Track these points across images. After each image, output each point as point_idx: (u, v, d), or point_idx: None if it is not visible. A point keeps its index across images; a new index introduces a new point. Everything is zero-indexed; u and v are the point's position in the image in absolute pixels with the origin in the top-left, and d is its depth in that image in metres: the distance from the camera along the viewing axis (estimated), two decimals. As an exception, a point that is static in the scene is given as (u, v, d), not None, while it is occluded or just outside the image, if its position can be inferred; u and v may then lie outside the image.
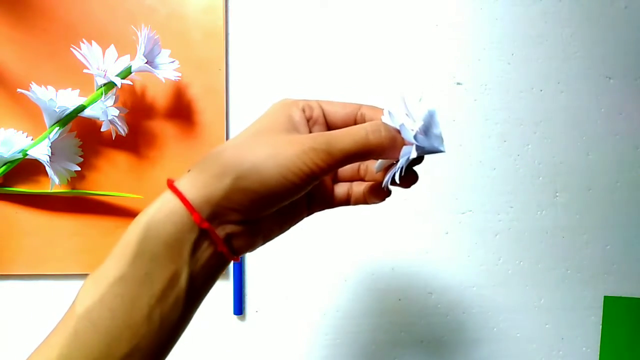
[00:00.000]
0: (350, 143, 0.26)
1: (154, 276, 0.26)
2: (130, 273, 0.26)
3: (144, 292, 0.26)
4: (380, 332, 0.53)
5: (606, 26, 0.54)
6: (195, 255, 0.27)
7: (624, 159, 0.54)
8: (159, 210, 0.26)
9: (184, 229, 0.26)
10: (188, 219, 0.26)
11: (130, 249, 0.26)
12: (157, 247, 0.26)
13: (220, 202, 0.26)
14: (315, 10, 0.52)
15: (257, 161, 0.26)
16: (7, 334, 0.51)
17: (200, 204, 0.26)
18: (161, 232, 0.26)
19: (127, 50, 0.47)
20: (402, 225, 0.53)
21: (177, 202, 0.26)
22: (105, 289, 0.26)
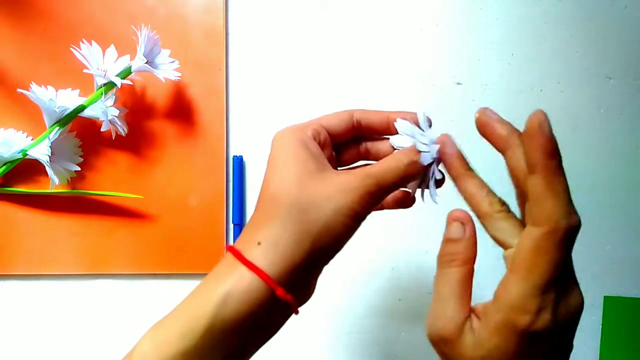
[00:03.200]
0: (394, 178, 0.29)
1: (219, 351, 0.26)
2: (195, 349, 0.25)
3: None
4: (381, 332, 0.53)
5: (606, 26, 0.54)
6: (270, 323, 0.28)
7: (624, 159, 0.54)
8: (234, 286, 0.26)
9: (263, 306, 0.26)
10: (269, 295, 0.26)
11: (201, 324, 0.25)
12: (231, 324, 0.26)
13: (301, 270, 0.27)
14: (315, 10, 0.52)
15: (327, 220, 0.27)
16: (7, 334, 0.51)
17: (280, 277, 0.26)
18: (238, 310, 0.25)
19: (127, 50, 0.47)
20: (402, 225, 0.53)
21: (254, 278, 0.26)
22: (166, 357, 0.25)
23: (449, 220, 0.30)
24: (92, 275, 0.50)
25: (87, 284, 0.51)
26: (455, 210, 0.29)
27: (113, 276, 0.51)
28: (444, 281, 0.28)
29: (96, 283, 0.51)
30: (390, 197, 0.33)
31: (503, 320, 0.24)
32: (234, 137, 0.52)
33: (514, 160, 0.27)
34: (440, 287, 0.28)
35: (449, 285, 0.27)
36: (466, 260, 0.28)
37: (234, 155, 0.51)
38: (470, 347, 0.25)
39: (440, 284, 0.28)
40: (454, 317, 0.26)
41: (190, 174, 0.50)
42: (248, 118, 0.52)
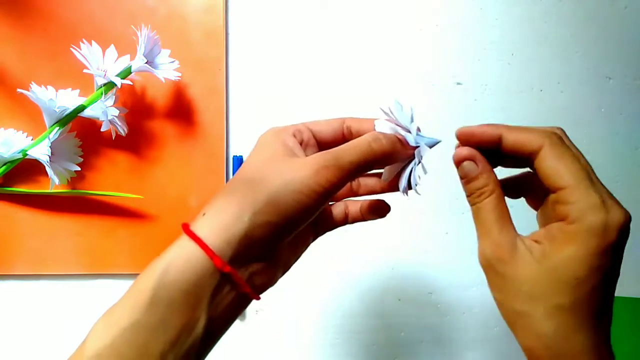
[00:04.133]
0: (357, 155, 0.28)
1: (169, 323, 0.25)
2: (144, 320, 0.25)
3: (157, 339, 0.25)
4: (380, 332, 0.53)
5: (606, 26, 0.54)
6: (215, 300, 0.26)
7: (624, 159, 0.54)
8: (176, 256, 0.26)
9: (204, 275, 0.25)
10: (208, 264, 0.25)
11: (145, 295, 0.25)
12: (174, 294, 0.25)
13: (242, 241, 0.26)
14: (315, 10, 0.52)
15: (272, 192, 0.26)
16: (7, 334, 0.51)
17: (220, 248, 0.25)
18: (179, 279, 0.25)
19: (127, 50, 0.47)
20: (402, 225, 0.53)
21: (195, 247, 0.25)
22: (116, 333, 0.25)
23: (457, 161, 0.30)
24: (92, 275, 0.50)
25: (87, 284, 0.51)
26: (459, 149, 0.29)
27: (113, 276, 0.51)
28: (483, 214, 0.29)
29: (96, 283, 0.51)
30: (364, 205, 0.34)
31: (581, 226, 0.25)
32: (234, 137, 0.52)
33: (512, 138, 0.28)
34: (482, 219, 0.29)
35: (489, 214, 0.28)
36: (493, 188, 0.28)
37: (234, 155, 0.51)
38: (527, 262, 0.26)
39: (480, 218, 0.29)
40: (505, 238, 0.27)
41: (190, 174, 0.50)
42: (248, 118, 0.52)
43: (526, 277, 0.26)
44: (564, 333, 0.25)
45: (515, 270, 0.26)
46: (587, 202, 0.25)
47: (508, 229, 0.28)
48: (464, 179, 0.30)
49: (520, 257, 0.26)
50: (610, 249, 0.25)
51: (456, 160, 0.29)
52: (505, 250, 0.27)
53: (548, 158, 0.27)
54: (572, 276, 0.25)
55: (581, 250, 0.25)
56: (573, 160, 0.27)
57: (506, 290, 0.27)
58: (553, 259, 0.25)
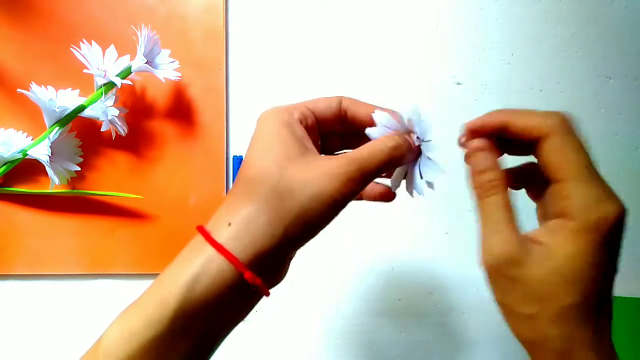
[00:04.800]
0: (379, 162, 0.28)
1: (189, 332, 0.25)
2: (166, 333, 0.25)
3: (176, 349, 0.25)
4: (380, 332, 0.53)
5: (606, 26, 0.54)
6: (238, 305, 0.27)
7: (624, 159, 0.54)
8: (204, 270, 0.25)
9: (230, 290, 0.25)
10: (238, 278, 0.25)
11: (168, 309, 0.25)
12: (201, 309, 0.25)
13: (271, 254, 0.25)
14: (315, 10, 0.52)
15: (302, 206, 0.26)
16: (7, 334, 0.51)
17: (249, 262, 0.25)
18: (208, 295, 0.25)
19: (127, 50, 0.47)
20: (402, 225, 0.53)
21: (224, 262, 0.25)
22: (135, 347, 0.25)
23: (470, 152, 0.29)
24: (92, 275, 0.50)
25: (87, 284, 0.51)
26: (474, 141, 0.29)
27: (113, 276, 0.51)
28: (491, 209, 0.27)
29: (96, 283, 0.51)
30: (370, 189, 0.33)
31: (578, 223, 0.25)
32: (234, 137, 0.52)
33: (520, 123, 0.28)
34: (490, 214, 0.27)
35: (498, 211, 0.27)
36: (504, 185, 0.28)
37: (234, 155, 0.51)
38: (537, 262, 0.25)
39: (488, 213, 0.27)
40: (515, 237, 0.26)
41: (190, 174, 0.50)
42: (248, 118, 0.52)
43: (533, 279, 0.25)
44: (570, 332, 0.25)
45: (525, 272, 0.25)
46: (584, 197, 0.25)
47: (513, 229, 0.27)
48: (475, 170, 0.29)
49: (530, 258, 0.26)
50: (605, 243, 0.25)
51: (469, 152, 0.29)
52: (516, 251, 0.26)
53: (551, 147, 0.26)
54: (576, 276, 0.25)
55: (581, 247, 0.25)
56: (575, 152, 0.27)
57: (513, 293, 0.26)
58: (556, 259, 0.25)
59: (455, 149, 0.53)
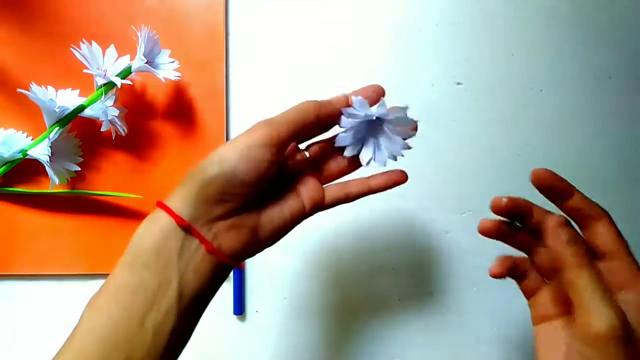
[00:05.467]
0: (287, 114, 0.32)
1: (145, 285, 0.27)
2: (126, 282, 0.28)
3: (138, 301, 0.27)
4: (380, 332, 0.53)
5: (606, 26, 0.54)
6: (184, 258, 0.28)
7: (624, 159, 0.54)
8: (148, 223, 0.29)
9: (169, 234, 0.28)
10: (171, 223, 0.28)
11: (126, 260, 0.28)
12: (147, 256, 0.28)
13: (197, 198, 0.29)
14: (315, 10, 0.52)
15: (219, 154, 0.29)
16: (7, 334, 0.51)
17: (178, 207, 0.29)
18: (149, 241, 0.28)
19: (127, 50, 0.47)
20: (402, 225, 0.53)
21: (161, 212, 0.29)
22: (105, 297, 0.28)
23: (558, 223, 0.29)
24: (92, 275, 0.50)
25: (87, 284, 0.51)
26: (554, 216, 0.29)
27: (113, 276, 0.51)
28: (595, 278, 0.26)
29: (96, 283, 0.51)
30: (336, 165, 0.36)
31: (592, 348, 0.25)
32: (234, 137, 0.51)
33: None
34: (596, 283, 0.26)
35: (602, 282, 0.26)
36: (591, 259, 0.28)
37: (234, 155, 0.51)
38: None
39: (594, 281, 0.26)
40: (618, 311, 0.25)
41: (190, 174, 0.50)
42: (248, 118, 0.52)
43: None
44: None
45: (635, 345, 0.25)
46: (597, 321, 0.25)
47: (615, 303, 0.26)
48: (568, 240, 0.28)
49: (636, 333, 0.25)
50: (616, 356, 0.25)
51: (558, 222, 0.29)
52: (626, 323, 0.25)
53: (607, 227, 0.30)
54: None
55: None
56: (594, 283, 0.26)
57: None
58: None
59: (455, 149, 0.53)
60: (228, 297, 0.51)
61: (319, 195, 0.34)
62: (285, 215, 0.33)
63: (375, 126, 0.35)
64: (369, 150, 0.35)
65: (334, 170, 0.36)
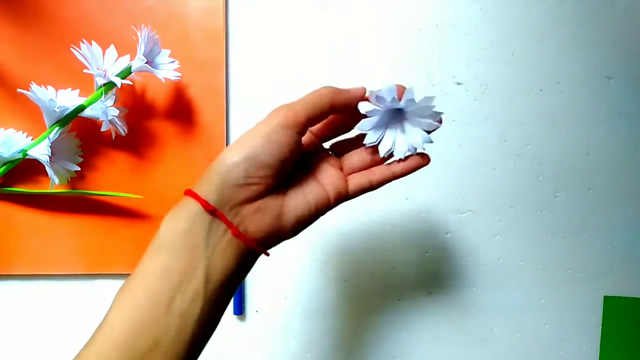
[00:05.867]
0: (306, 98, 0.32)
1: (172, 269, 0.28)
2: (151, 267, 0.28)
3: (164, 286, 0.27)
4: (381, 332, 0.53)
5: (606, 26, 0.54)
6: (210, 243, 0.29)
7: (624, 159, 0.54)
8: (176, 210, 0.30)
9: (196, 219, 0.29)
10: (198, 208, 0.29)
11: (154, 245, 0.29)
12: (173, 241, 0.28)
13: (222, 184, 0.29)
14: (315, 10, 0.52)
15: (239, 142, 0.30)
16: (7, 334, 0.51)
17: (205, 193, 0.29)
18: (176, 225, 0.29)
19: (127, 50, 0.47)
20: (402, 225, 0.53)
21: (189, 199, 0.30)
22: (133, 282, 0.28)
23: None
24: (92, 275, 0.50)
25: (87, 284, 0.51)
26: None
27: (113, 276, 0.51)
28: None
29: (96, 283, 0.51)
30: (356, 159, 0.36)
31: None
32: (234, 137, 0.52)
33: None
34: None
35: None
36: None
37: (234, 155, 0.51)
38: None
39: None
40: None
41: (190, 174, 0.50)
42: (248, 118, 0.52)
43: None
44: None
45: None
46: None
47: None
48: None
49: None
50: None
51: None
52: None
53: None
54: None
55: None
56: None
57: None
58: None
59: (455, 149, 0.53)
60: (228, 297, 0.51)
61: (343, 185, 0.35)
62: (310, 204, 0.33)
63: (398, 118, 0.35)
64: (389, 141, 0.35)
65: (355, 163, 0.36)
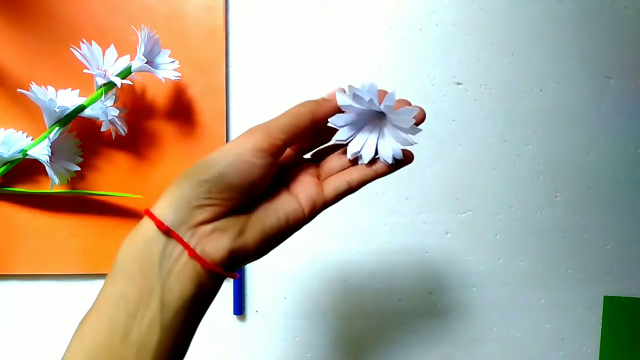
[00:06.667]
0: (283, 118, 0.30)
1: (127, 295, 0.26)
2: (109, 294, 0.26)
3: (119, 312, 0.26)
4: (381, 332, 0.53)
5: (606, 26, 0.54)
6: (165, 265, 0.26)
7: (624, 159, 0.54)
8: (133, 230, 0.27)
9: (150, 240, 0.26)
10: (153, 229, 0.26)
11: (111, 272, 0.27)
12: (129, 265, 0.26)
13: (181, 202, 0.27)
14: (315, 10, 0.52)
15: (208, 158, 0.28)
16: (7, 334, 0.51)
17: (164, 212, 0.27)
18: (131, 249, 0.27)
19: (127, 50, 0.47)
20: (402, 225, 0.53)
21: (146, 218, 0.27)
22: (89, 313, 0.27)
23: None
24: (92, 275, 0.50)
25: (87, 284, 0.51)
26: None
27: (113, 276, 0.51)
28: None
29: (96, 283, 0.51)
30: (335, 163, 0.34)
31: None
32: (234, 137, 0.51)
33: None
34: None
35: None
36: None
37: (234, 155, 0.51)
38: None
39: None
40: None
41: (190, 174, 0.50)
42: (248, 118, 0.52)
43: None
44: None
45: None
46: None
47: None
48: None
49: None
50: None
51: None
52: None
53: None
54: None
55: None
56: None
57: None
58: None
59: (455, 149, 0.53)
60: (228, 297, 0.51)
61: (318, 193, 0.32)
62: (280, 220, 0.30)
63: (377, 120, 0.32)
64: (359, 143, 0.32)
65: (334, 167, 0.34)
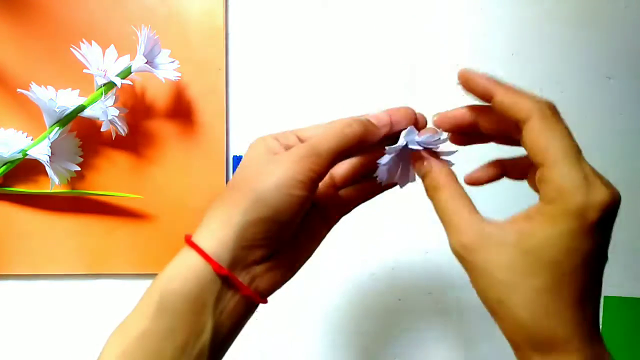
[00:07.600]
0: (333, 142, 0.28)
1: (176, 330, 0.26)
2: (153, 329, 0.26)
3: (167, 346, 0.26)
4: (381, 332, 0.53)
5: (606, 26, 0.54)
6: (219, 306, 0.27)
7: (624, 159, 0.54)
8: (178, 265, 0.27)
9: (205, 282, 0.26)
10: (208, 270, 0.26)
11: (152, 306, 0.26)
12: (178, 303, 0.26)
13: (237, 243, 0.26)
14: (315, 10, 0.52)
15: (258, 190, 0.26)
16: (7, 334, 0.51)
17: (216, 252, 0.26)
18: (182, 287, 0.26)
19: (127, 50, 0.47)
20: (402, 225, 0.53)
21: (194, 255, 0.26)
22: (128, 342, 0.26)
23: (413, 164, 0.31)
24: (92, 275, 0.50)
25: (87, 284, 0.51)
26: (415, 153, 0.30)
27: (113, 276, 0.51)
28: (441, 206, 0.28)
29: (96, 283, 0.51)
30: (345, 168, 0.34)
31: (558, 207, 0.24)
32: (234, 137, 0.52)
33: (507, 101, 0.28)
34: (441, 212, 0.29)
35: (446, 205, 0.28)
36: (445, 182, 0.29)
37: (234, 155, 0.51)
38: (499, 247, 0.25)
39: (439, 211, 0.29)
40: (467, 225, 0.26)
41: (190, 174, 0.50)
42: (248, 118, 0.52)
43: (499, 263, 0.25)
44: (542, 319, 0.24)
45: (485, 257, 0.25)
46: (567, 181, 0.24)
47: (470, 216, 0.27)
48: (421, 177, 0.30)
49: (490, 243, 0.25)
50: (591, 230, 0.23)
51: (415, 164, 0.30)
52: (469, 238, 0.26)
53: (535, 130, 0.26)
54: (548, 258, 0.24)
55: (557, 231, 0.24)
56: (559, 136, 0.25)
57: (481, 280, 0.26)
58: (528, 242, 0.24)
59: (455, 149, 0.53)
60: (228, 297, 0.51)
61: (343, 209, 0.34)
62: (319, 240, 0.33)
63: None
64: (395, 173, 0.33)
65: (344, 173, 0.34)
